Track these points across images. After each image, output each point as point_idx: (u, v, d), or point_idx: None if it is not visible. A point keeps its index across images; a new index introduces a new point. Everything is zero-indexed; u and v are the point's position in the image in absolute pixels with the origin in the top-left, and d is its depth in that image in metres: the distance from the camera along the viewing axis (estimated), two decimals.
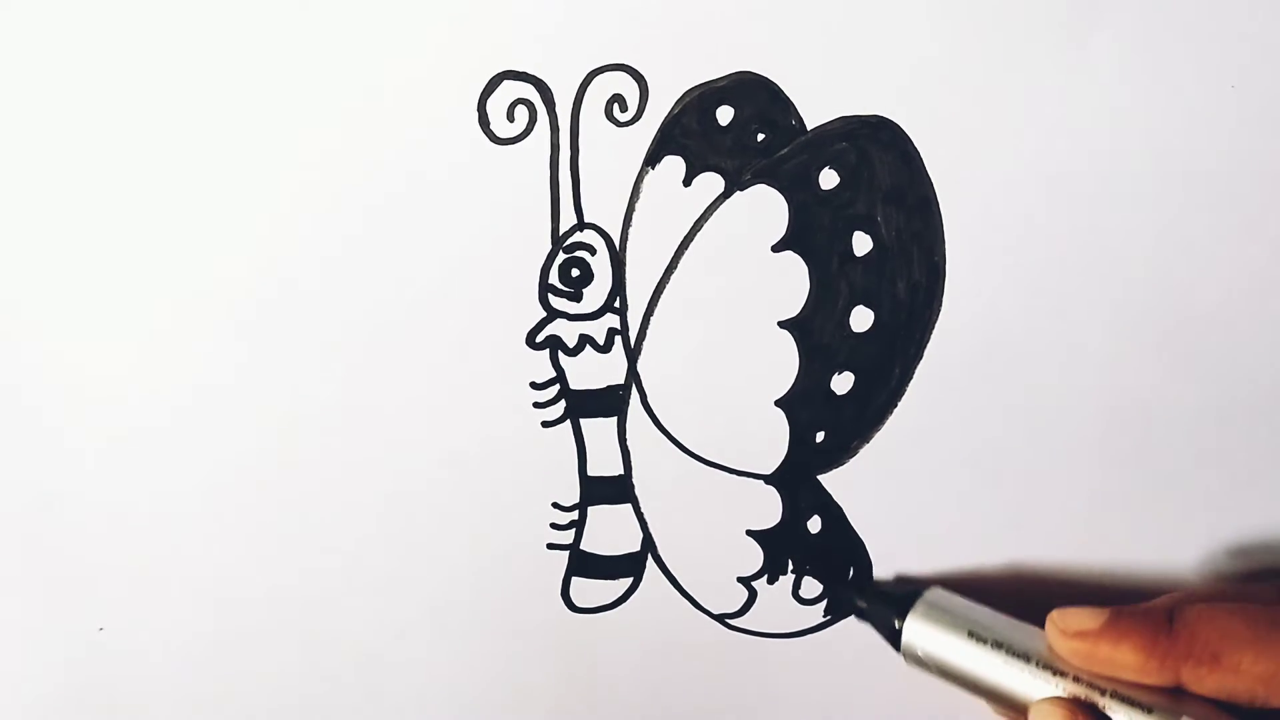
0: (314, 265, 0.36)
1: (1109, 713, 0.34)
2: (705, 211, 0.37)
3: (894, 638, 0.38)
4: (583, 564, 0.40)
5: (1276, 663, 0.32)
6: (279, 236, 0.36)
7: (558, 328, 0.37)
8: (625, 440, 0.39)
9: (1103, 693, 0.34)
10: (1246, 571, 0.39)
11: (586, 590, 0.40)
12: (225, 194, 0.35)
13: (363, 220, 0.36)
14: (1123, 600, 0.38)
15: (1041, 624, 0.36)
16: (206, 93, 0.34)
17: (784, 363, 0.38)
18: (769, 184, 0.36)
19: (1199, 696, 0.33)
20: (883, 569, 0.40)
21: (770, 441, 0.39)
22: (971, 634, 0.36)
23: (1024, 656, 0.35)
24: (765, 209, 0.37)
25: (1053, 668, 0.35)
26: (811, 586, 0.40)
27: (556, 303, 0.37)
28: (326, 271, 0.36)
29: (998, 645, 0.36)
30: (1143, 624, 0.34)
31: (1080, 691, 0.34)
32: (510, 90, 0.35)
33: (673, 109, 0.35)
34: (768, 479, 0.39)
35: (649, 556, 0.40)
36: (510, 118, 0.35)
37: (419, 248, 0.36)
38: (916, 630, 0.37)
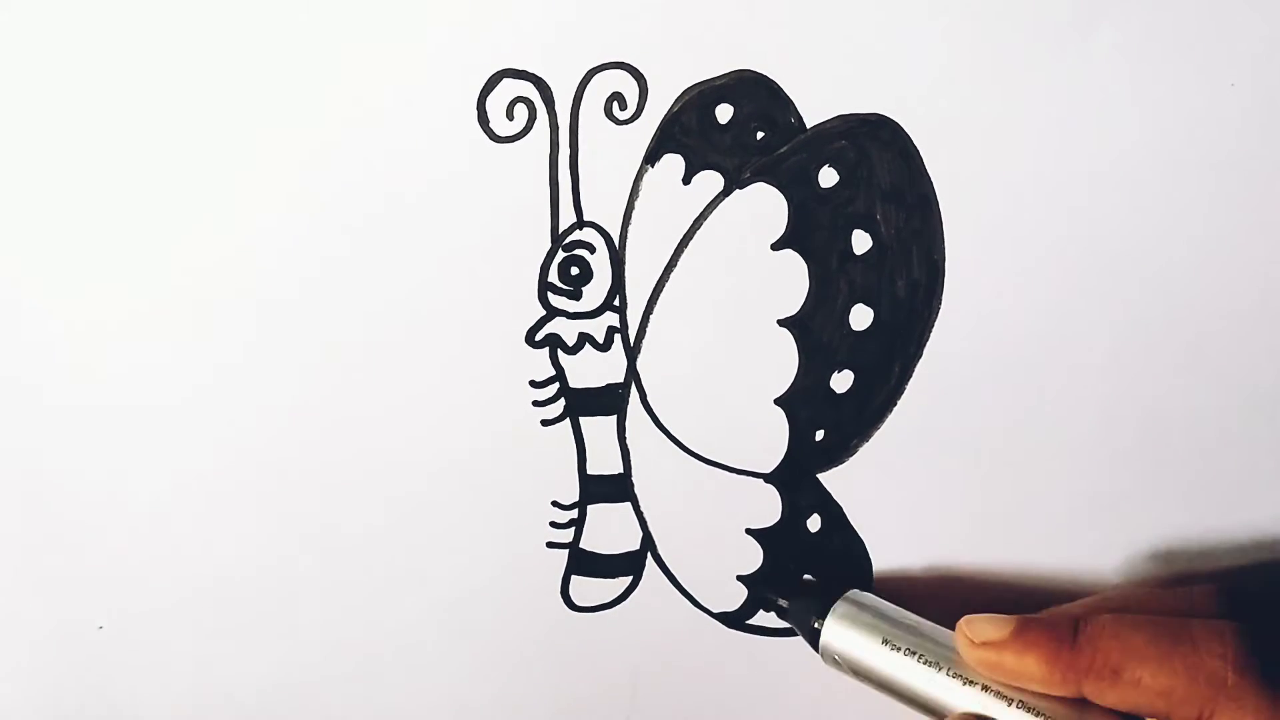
0: (314, 264, 0.36)
1: None
2: (705, 210, 0.37)
3: (814, 638, 0.38)
4: (582, 562, 0.40)
5: (1174, 678, 0.32)
6: (278, 235, 0.36)
7: (557, 326, 0.37)
8: (625, 439, 0.39)
9: (1010, 703, 0.34)
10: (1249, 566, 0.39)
11: (586, 589, 0.40)
12: (224, 192, 0.35)
13: (362, 219, 0.36)
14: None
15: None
16: (206, 92, 0.34)
17: (784, 361, 0.38)
18: (768, 182, 0.36)
19: (1103, 709, 0.33)
20: (882, 567, 0.40)
21: (770, 440, 0.39)
22: (885, 640, 0.37)
23: (935, 664, 0.36)
24: (765, 207, 0.37)
25: (962, 676, 0.35)
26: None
27: (556, 301, 0.37)
28: (326, 270, 0.36)
29: (910, 652, 0.36)
30: (1048, 635, 0.34)
31: (988, 701, 0.34)
32: (510, 88, 0.35)
33: (672, 107, 0.35)
34: (767, 477, 0.39)
35: (648, 555, 0.40)
36: (510, 116, 0.35)
37: (418, 246, 0.36)
38: (834, 632, 0.37)
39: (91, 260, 0.36)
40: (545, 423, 0.38)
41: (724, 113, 0.36)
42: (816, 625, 0.38)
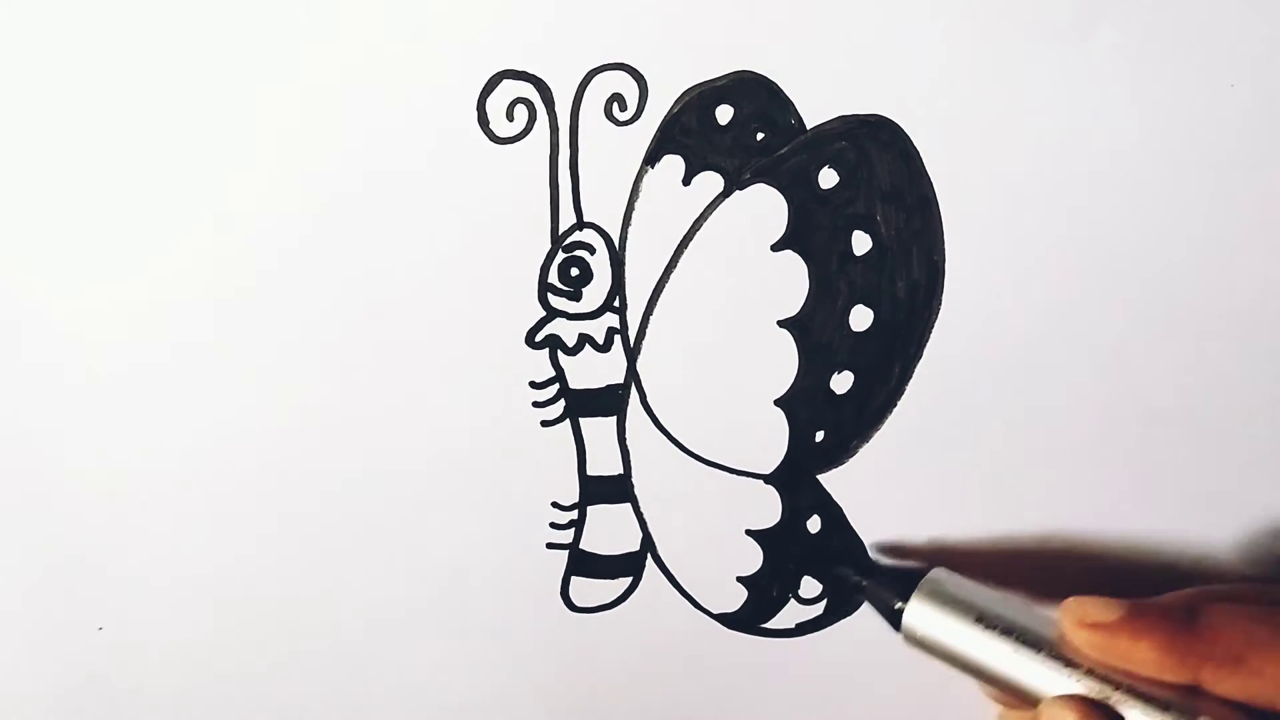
0: (313, 264, 0.36)
1: (1121, 709, 0.32)
2: (705, 211, 0.37)
3: (894, 619, 0.37)
4: (582, 563, 0.40)
5: None
6: (278, 235, 0.36)
7: (557, 327, 0.37)
8: (624, 440, 0.39)
9: (1116, 687, 0.33)
10: (1250, 566, 0.39)
11: (586, 590, 0.40)
12: (223, 191, 0.35)
13: (362, 219, 0.36)
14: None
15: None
16: (206, 91, 0.34)
17: (783, 362, 0.38)
18: (768, 183, 0.36)
19: (1217, 697, 0.32)
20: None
21: (770, 441, 0.39)
22: (980, 619, 0.35)
23: (1035, 645, 0.34)
24: (765, 208, 0.37)
25: (1064, 659, 0.34)
26: (811, 586, 0.40)
27: (556, 302, 0.37)
28: (326, 270, 0.36)
29: (1007, 632, 0.34)
30: (1163, 620, 0.33)
31: (1093, 686, 0.33)
32: (510, 89, 0.35)
33: (672, 108, 0.35)
34: (767, 478, 0.39)
35: (648, 556, 0.40)
36: (510, 117, 0.35)
37: (418, 246, 0.36)
38: (919, 613, 0.36)
39: (91, 260, 0.36)
40: (545, 424, 0.38)
41: (724, 114, 0.35)
42: (898, 606, 0.36)
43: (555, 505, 0.39)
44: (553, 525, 0.39)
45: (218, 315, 0.37)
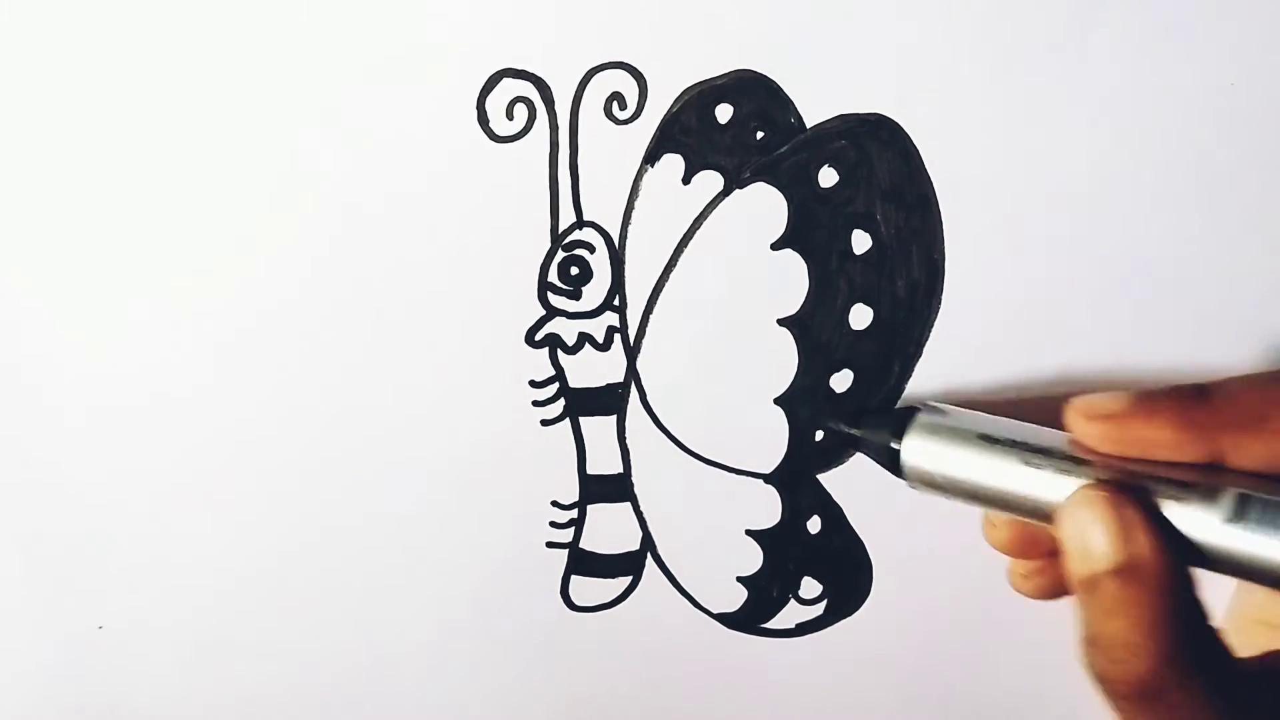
0: (313, 263, 0.36)
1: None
2: (704, 209, 0.37)
3: (893, 461, 0.35)
4: (582, 562, 0.40)
5: None
6: (277, 234, 0.36)
7: (557, 326, 0.37)
8: (624, 439, 0.39)
9: (1136, 478, 0.31)
10: None
11: (585, 589, 0.40)
12: (223, 191, 0.35)
13: (362, 218, 0.36)
14: None
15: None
16: (205, 91, 0.34)
17: (783, 361, 0.38)
18: (768, 182, 0.36)
19: (1241, 470, 0.30)
20: (883, 569, 0.40)
21: (770, 440, 0.39)
22: (983, 437, 0.33)
23: (1043, 453, 0.32)
24: (764, 207, 0.37)
25: (1077, 460, 0.31)
26: (811, 586, 0.40)
27: (556, 301, 0.37)
28: (326, 269, 0.36)
29: (1012, 445, 0.32)
30: (1175, 399, 0.31)
31: (1108, 477, 0.31)
32: (509, 88, 0.35)
33: (672, 107, 0.35)
34: (767, 478, 0.39)
35: (648, 555, 0.40)
36: (509, 116, 0.35)
37: (418, 246, 0.36)
38: (918, 448, 0.34)
39: (91, 260, 0.36)
40: (545, 422, 0.38)
41: (724, 112, 0.36)
42: (895, 445, 0.34)
43: (555, 504, 0.39)
44: (552, 524, 0.39)
45: (216, 315, 0.37)
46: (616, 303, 0.37)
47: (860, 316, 0.38)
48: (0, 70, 0.34)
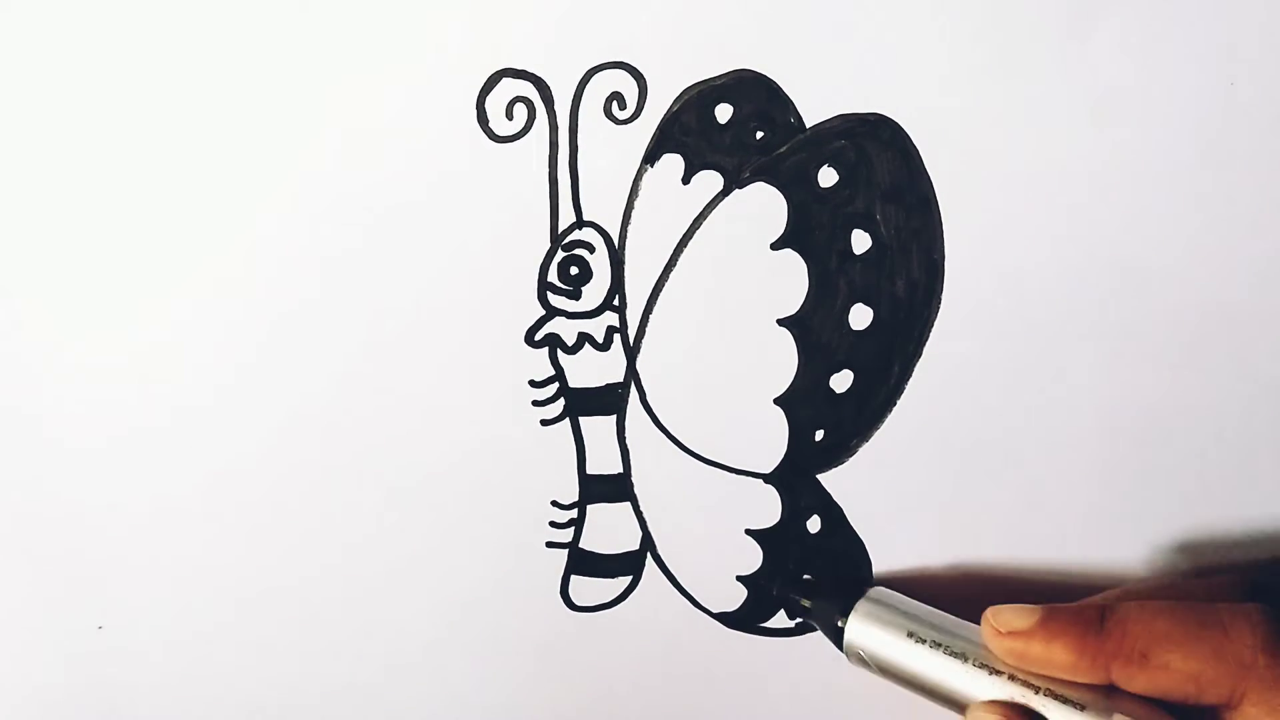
0: (313, 264, 0.36)
1: (1043, 712, 0.34)
2: (704, 209, 0.37)
3: (837, 637, 0.38)
4: (582, 562, 0.40)
5: (1203, 661, 0.32)
6: (278, 235, 0.36)
7: (557, 326, 0.37)
8: (624, 439, 0.39)
9: (1037, 691, 0.34)
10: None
11: (585, 588, 0.40)
12: (224, 192, 0.35)
13: (362, 219, 0.36)
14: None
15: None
16: (206, 92, 0.34)
17: (783, 361, 0.38)
18: (768, 182, 0.36)
19: (1131, 694, 0.33)
20: (883, 568, 0.40)
21: (769, 440, 0.39)
22: (910, 634, 0.37)
23: (961, 656, 0.36)
24: (764, 207, 0.37)
25: (989, 666, 0.35)
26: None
27: (555, 301, 0.37)
28: (326, 270, 0.36)
29: (936, 645, 0.36)
30: (1075, 623, 0.34)
31: (1015, 690, 0.34)
32: (509, 88, 0.35)
33: (672, 107, 0.35)
34: (767, 478, 0.39)
35: (648, 555, 0.40)
36: (509, 116, 0.35)
37: (418, 246, 0.36)
38: (858, 630, 0.37)
39: (92, 262, 0.36)
40: (545, 422, 0.38)
41: (723, 112, 0.36)
42: (840, 624, 0.38)
43: (555, 504, 0.39)
44: (552, 524, 0.39)
45: (216, 314, 0.37)
46: (616, 303, 0.37)
47: (860, 316, 0.38)
48: (8, 79, 0.34)
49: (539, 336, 0.37)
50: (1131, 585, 0.38)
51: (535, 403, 0.38)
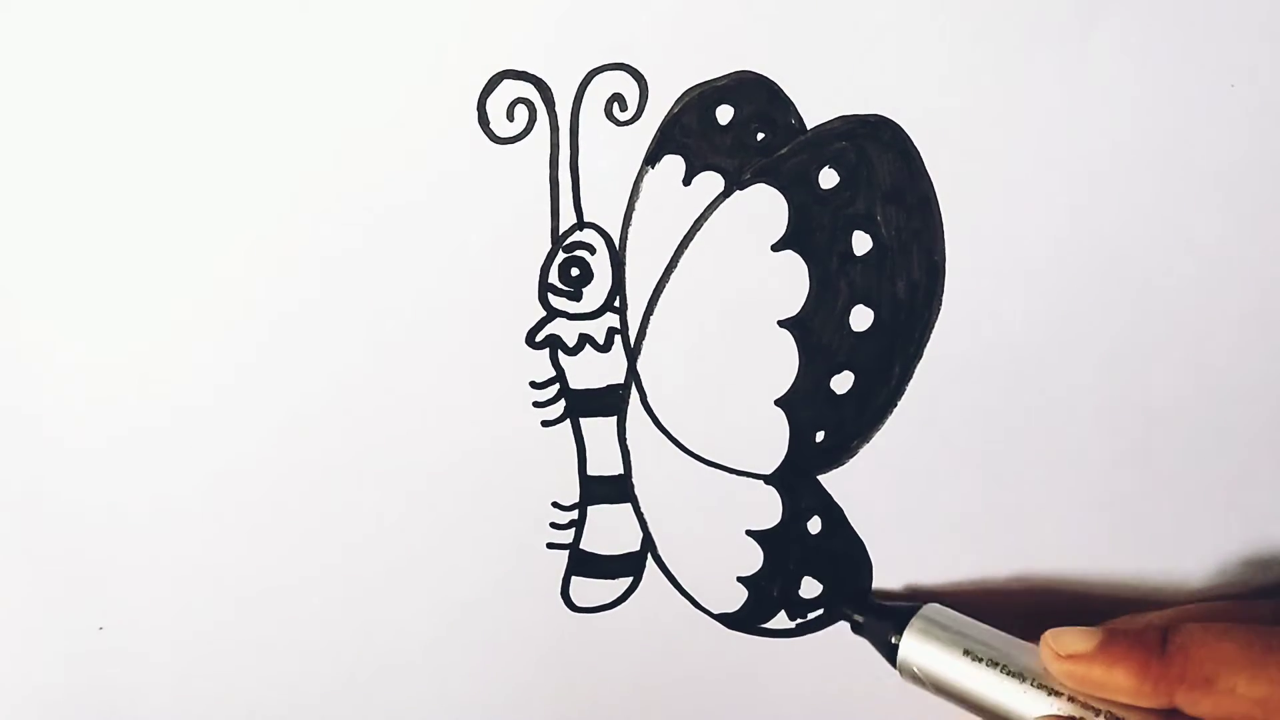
0: (313, 264, 0.36)
1: None
2: (705, 211, 0.37)
3: (890, 653, 0.38)
4: (582, 563, 0.40)
5: (1271, 686, 0.32)
6: (278, 236, 0.36)
7: (557, 327, 0.37)
8: (625, 440, 0.39)
9: (1097, 714, 0.34)
10: (1250, 581, 0.39)
11: (586, 590, 0.40)
12: (224, 193, 0.35)
13: (362, 220, 0.36)
14: (1122, 606, 0.39)
15: (1038, 635, 0.36)
16: (207, 92, 0.34)
17: (784, 362, 0.38)
18: (769, 183, 0.36)
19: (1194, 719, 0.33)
20: (883, 569, 0.40)
21: (770, 441, 0.39)
22: (967, 652, 0.36)
23: (1019, 675, 0.35)
24: (765, 208, 0.37)
25: (1048, 687, 0.35)
26: (811, 586, 0.40)
27: (556, 302, 0.37)
28: (326, 271, 0.36)
29: (993, 664, 0.36)
30: (1136, 647, 0.34)
31: (1075, 711, 0.34)
32: (510, 89, 0.35)
33: (672, 108, 0.35)
34: (768, 479, 0.39)
35: (649, 556, 0.40)
36: (510, 117, 0.35)
37: (418, 247, 0.36)
38: (913, 647, 0.37)
39: (92, 262, 0.36)
40: (546, 424, 0.38)
41: (724, 114, 0.35)
42: (894, 640, 0.38)
43: (555, 505, 0.39)
44: (553, 525, 0.39)
45: (216, 315, 0.37)
46: (617, 304, 0.37)
47: (861, 318, 0.38)
48: (8, 79, 0.34)
49: (540, 338, 0.37)
50: (1191, 606, 0.38)
51: (536, 404, 0.38)
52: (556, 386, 0.38)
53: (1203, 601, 0.39)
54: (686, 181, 0.36)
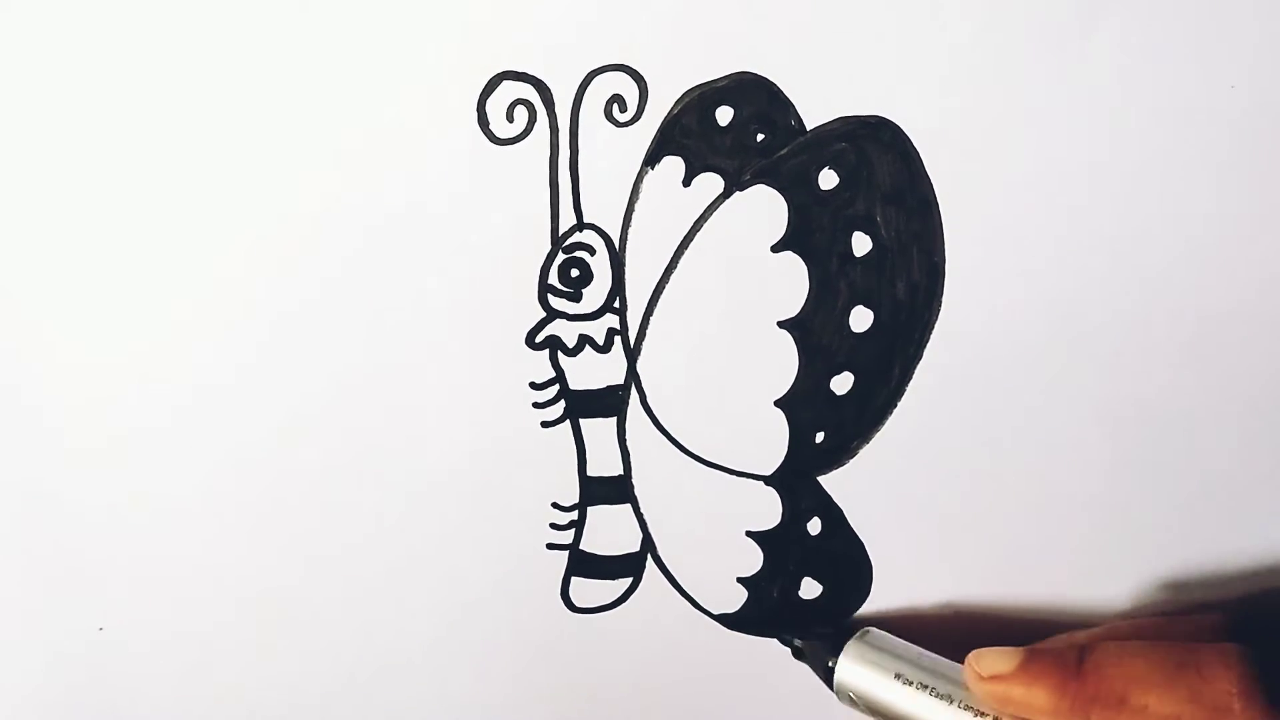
0: (313, 265, 0.36)
1: None
2: (705, 212, 0.37)
3: (828, 677, 0.39)
4: (582, 564, 0.40)
5: (1181, 704, 0.32)
6: (277, 236, 0.36)
7: (557, 328, 0.37)
8: (625, 440, 0.39)
9: None
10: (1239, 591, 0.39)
11: (586, 590, 0.40)
12: (223, 193, 0.35)
13: (362, 220, 0.36)
14: (1111, 606, 0.38)
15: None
16: (207, 92, 0.34)
17: (784, 363, 0.38)
18: (768, 184, 0.36)
19: None
20: (883, 570, 0.40)
21: (770, 442, 0.39)
22: (898, 675, 0.37)
23: (947, 697, 0.36)
24: (765, 209, 0.37)
25: (974, 709, 0.36)
26: (811, 587, 0.40)
27: (556, 303, 0.37)
28: (325, 271, 0.36)
29: (922, 686, 0.37)
30: (1054, 666, 0.34)
31: None
32: (510, 90, 0.35)
33: (672, 109, 0.35)
34: (767, 480, 0.39)
35: (648, 557, 0.40)
36: (510, 118, 0.35)
37: (418, 248, 0.36)
38: (848, 670, 0.38)
39: (91, 262, 0.36)
40: (545, 424, 0.38)
41: (724, 115, 0.35)
42: (831, 664, 0.38)
43: (555, 506, 0.39)
44: (553, 526, 0.39)
45: (215, 316, 0.37)
46: (617, 305, 0.37)
47: (860, 319, 0.38)
48: (8, 79, 0.34)
49: (539, 339, 0.37)
50: (1115, 624, 0.38)
51: (536, 405, 0.38)
52: (556, 387, 0.38)
53: (1132, 619, 0.39)
54: (686, 182, 0.36)
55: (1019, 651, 0.35)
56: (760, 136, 0.36)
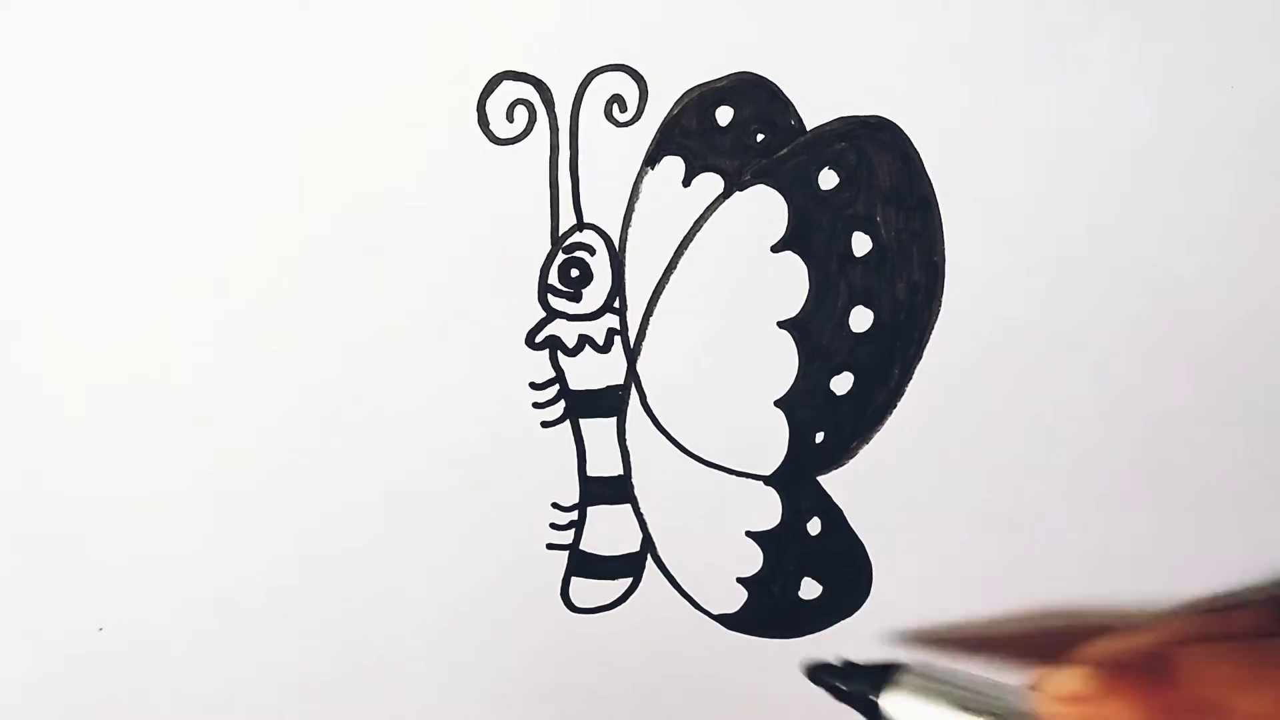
0: (312, 265, 0.36)
1: None
2: (705, 212, 0.37)
3: (874, 715, 0.36)
4: (582, 564, 0.40)
5: (1267, 704, 0.31)
6: (277, 236, 0.36)
7: (557, 328, 0.37)
8: (625, 440, 0.39)
9: None
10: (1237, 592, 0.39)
11: (586, 590, 0.40)
12: (223, 193, 0.35)
13: (361, 221, 0.36)
14: (1111, 609, 0.38)
15: (1019, 652, 0.36)
16: (206, 92, 0.34)
17: (783, 363, 0.38)
18: (768, 184, 0.36)
19: None
20: (883, 570, 0.40)
21: (770, 442, 0.39)
22: (958, 702, 0.35)
23: None
24: (765, 209, 0.37)
25: None
26: (811, 587, 0.40)
27: (556, 303, 0.37)
28: (325, 271, 0.36)
29: (987, 712, 0.34)
30: (1136, 679, 0.33)
31: None
32: (509, 90, 0.35)
33: (672, 109, 0.35)
34: (767, 480, 0.39)
35: (648, 557, 0.40)
36: (510, 118, 0.35)
37: (418, 248, 0.36)
38: (897, 704, 0.36)
39: (92, 262, 0.36)
40: (545, 424, 0.38)
41: (724, 115, 0.35)
42: (874, 699, 0.36)
43: (555, 506, 0.39)
44: (553, 526, 0.39)
45: (216, 316, 0.37)
46: (616, 305, 0.37)
47: (860, 319, 0.38)
48: (8, 79, 0.34)
49: (539, 339, 0.37)
50: (1174, 627, 0.36)
51: (536, 405, 0.38)
52: (556, 387, 0.38)
53: (1176, 617, 0.38)
54: (686, 182, 0.36)
55: (1089, 666, 0.33)
56: (760, 136, 0.36)
